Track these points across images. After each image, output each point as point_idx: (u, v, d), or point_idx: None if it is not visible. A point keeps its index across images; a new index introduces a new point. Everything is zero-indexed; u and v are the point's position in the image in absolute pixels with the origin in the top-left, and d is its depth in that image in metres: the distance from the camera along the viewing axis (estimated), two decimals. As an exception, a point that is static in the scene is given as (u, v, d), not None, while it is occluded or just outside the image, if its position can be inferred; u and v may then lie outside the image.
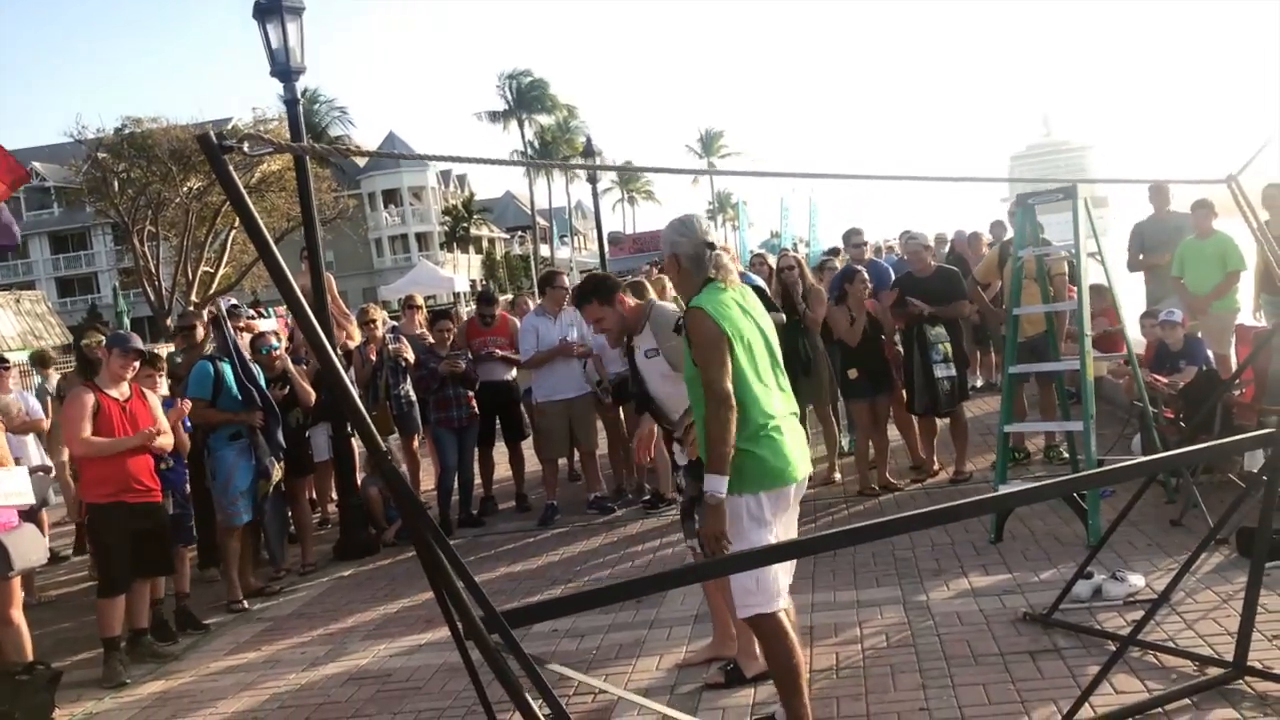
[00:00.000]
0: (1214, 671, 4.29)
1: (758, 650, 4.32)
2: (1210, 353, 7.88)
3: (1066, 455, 7.89)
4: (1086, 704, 3.98)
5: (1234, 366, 8.28)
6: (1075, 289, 7.10)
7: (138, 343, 6.53)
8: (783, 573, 4.12)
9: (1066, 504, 6.52)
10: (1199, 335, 8.08)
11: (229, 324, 7.62)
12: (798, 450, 4.12)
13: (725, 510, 3.90)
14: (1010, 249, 9.21)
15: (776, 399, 4.10)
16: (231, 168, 2.67)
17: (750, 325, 4.10)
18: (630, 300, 5.35)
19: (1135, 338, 7.82)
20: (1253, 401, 6.93)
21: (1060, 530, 6.60)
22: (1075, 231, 6.63)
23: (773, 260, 9.53)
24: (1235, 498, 4.64)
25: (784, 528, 4.18)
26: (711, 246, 4.17)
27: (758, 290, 8.59)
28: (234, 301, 9.75)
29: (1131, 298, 9.97)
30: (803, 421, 4.38)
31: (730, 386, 3.90)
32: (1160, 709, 4.07)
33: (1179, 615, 4.97)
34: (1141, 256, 10.13)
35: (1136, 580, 5.37)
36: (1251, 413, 6.79)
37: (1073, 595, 5.20)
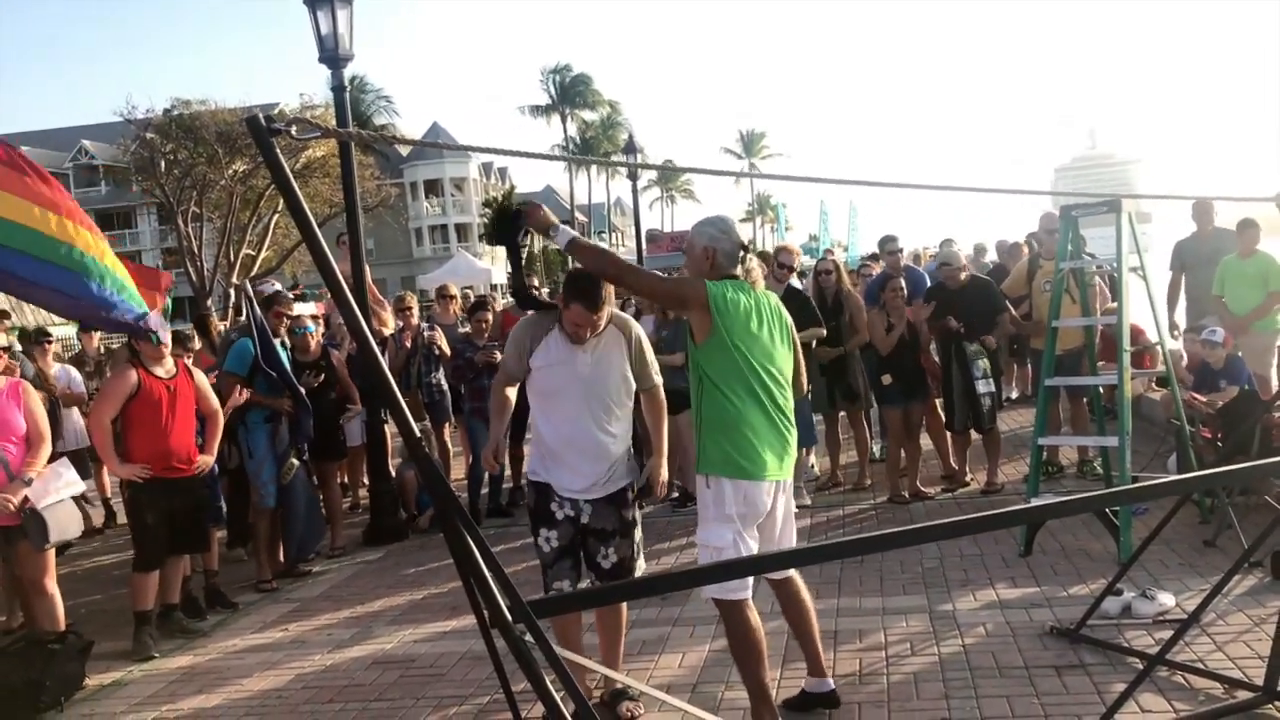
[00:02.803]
0: (1243, 695, 4.25)
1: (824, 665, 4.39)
2: (1251, 372, 7.78)
3: (1100, 471, 7.82)
4: (1111, 721, 3.95)
5: (1274, 387, 8.18)
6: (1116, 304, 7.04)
7: (163, 332, 6.41)
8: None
9: (1098, 519, 6.45)
10: (1239, 355, 7.98)
11: (255, 305, 7.65)
12: (771, 453, 4.18)
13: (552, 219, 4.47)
14: (1039, 262, 9.16)
15: (763, 399, 4.17)
16: (279, 151, 2.70)
17: (754, 326, 4.19)
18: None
19: (1174, 354, 7.74)
20: (1293, 424, 6.83)
21: (1091, 546, 6.55)
22: (1119, 246, 6.57)
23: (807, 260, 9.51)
24: (1271, 520, 4.58)
25: (770, 531, 4.32)
26: (746, 250, 4.36)
27: (798, 297, 8.62)
28: (276, 286, 9.81)
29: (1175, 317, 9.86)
30: (834, 426, 4.45)
31: (659, 286, 4.50)
32: (1186, 730, 4.04)
33: (1209, 637, 4.92)
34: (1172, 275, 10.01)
35: (1167, 599, 5.31)
36: (1291, 435, 6.71)
37: (1101, 611, 5.16)
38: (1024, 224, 10.67)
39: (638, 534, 4.80)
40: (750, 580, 4.29)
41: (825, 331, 8.27)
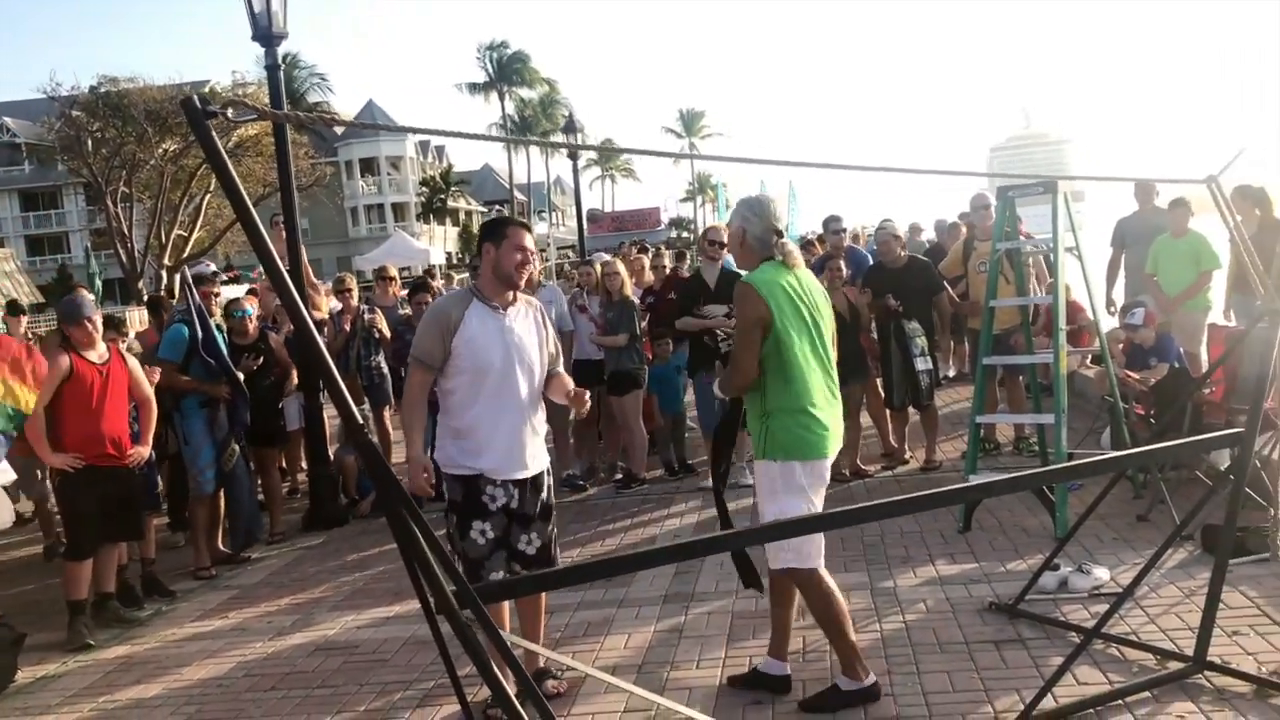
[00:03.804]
0: (1174, 665, 4.35)
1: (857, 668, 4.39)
2: (1182, 350, 7.95)
3: (1037, 448, 7.96)
4: (1049, 694, 4.02)
5: (1205, 365, 8.37)
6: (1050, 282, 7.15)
7: (88, 306, 6.29)
8: (822, 536, 4.41)
9: (1035, 496, 6.57)
10: (1170, 333, 8.15)
11: (195, 292, 7.51)
12: (834, 427, 4.33)
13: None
14: (973, 243, 9.28)
15: (818, 376, 4.30)
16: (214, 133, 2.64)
17: (800, 304, 4.29)
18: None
19: (1108, 331, 7.89)
20: (1222, 401, 7.00)
21: (1028, 522, 6.66)
22: (1054, 226, 6.67)
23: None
24: (1202, 495, 4.68)
25: (820, 499, 4.41)
26: (780, 234, 4.40)
27: (736, 277, 8.66)
28: (211, 267, 9.64)
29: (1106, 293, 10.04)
30: None
31: (753, 371, 4.20)
32: (1121, 701, 4.12)
33: (1142, 609, 5.02)
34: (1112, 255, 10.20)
35: (1102, 573, 5.43)
36: (1220, 411, 6.86)
37: (1039, 586, 5.25)
38: (962, 204, 10.76)
39: (554, 524, 4.77)
40: (823, 548, 4.39)
41: None
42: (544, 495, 4.67)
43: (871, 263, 9.89)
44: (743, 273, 9.62)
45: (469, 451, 4.51)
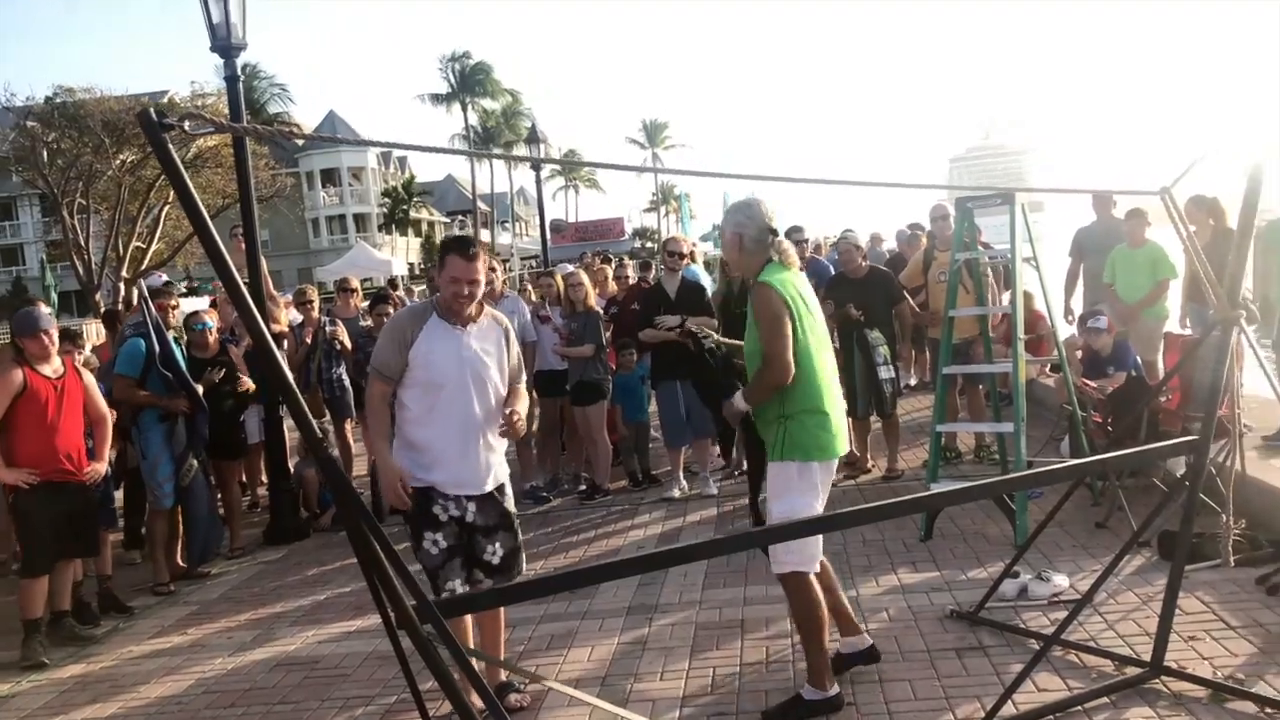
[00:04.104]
0: (1132, 671, 4.40)
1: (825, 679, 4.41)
2: (1139, 359, 8.05)
3: (997, 456, 8.02)
4: (1009, 701, 4.05)
5: (1162, 373, 8.47)
6: (1008, 292, 7.22)
7: (45, 320, 6.20)
8: (821, 539, 4.44)
9: (996, 504, 6.62)
10: (1128, 342, 8.25)
11: (151, 305, 7.43)
12: (844, 427, 4.42)
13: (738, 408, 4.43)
14: (933, 253, 9.37)
15: (829, 376, 4.37)
16: (170, 145, 2.61)
17: (807, 305, 4.34)
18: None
19: (1066, 339, 7.97)
20: (1178, 408, 7.09)
21: (988, 529, 6.71)
22: (1012, 237, 6.74)
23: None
24: (1158, 502, 4.75)
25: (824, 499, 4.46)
26: (775, 233, 4.39)
27: (696, 287, 8.72)
28: (165, 278, 9.54)
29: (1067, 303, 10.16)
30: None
31: (792, 360, 4.18)
32: (1080, 707, 4.16)
33: (1101, 615, 5.08)
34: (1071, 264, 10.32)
35: (1061, 580, 5.48)
36: (1176, 419, 6.96)
37: (999, 594, 5.30)
38: (922, 214, 10.85)
39: (519, 531, 4.75)
40: (820, 550, 4.42)
41: (717, 323, 8.42)
42: (503, 506, 4.64)
43: (833, 273, 9.94)
44: (705, 283, 9.73)
45: (422, 464, 4.49)
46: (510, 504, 4.71)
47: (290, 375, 2.96)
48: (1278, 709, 3.99)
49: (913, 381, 12.57)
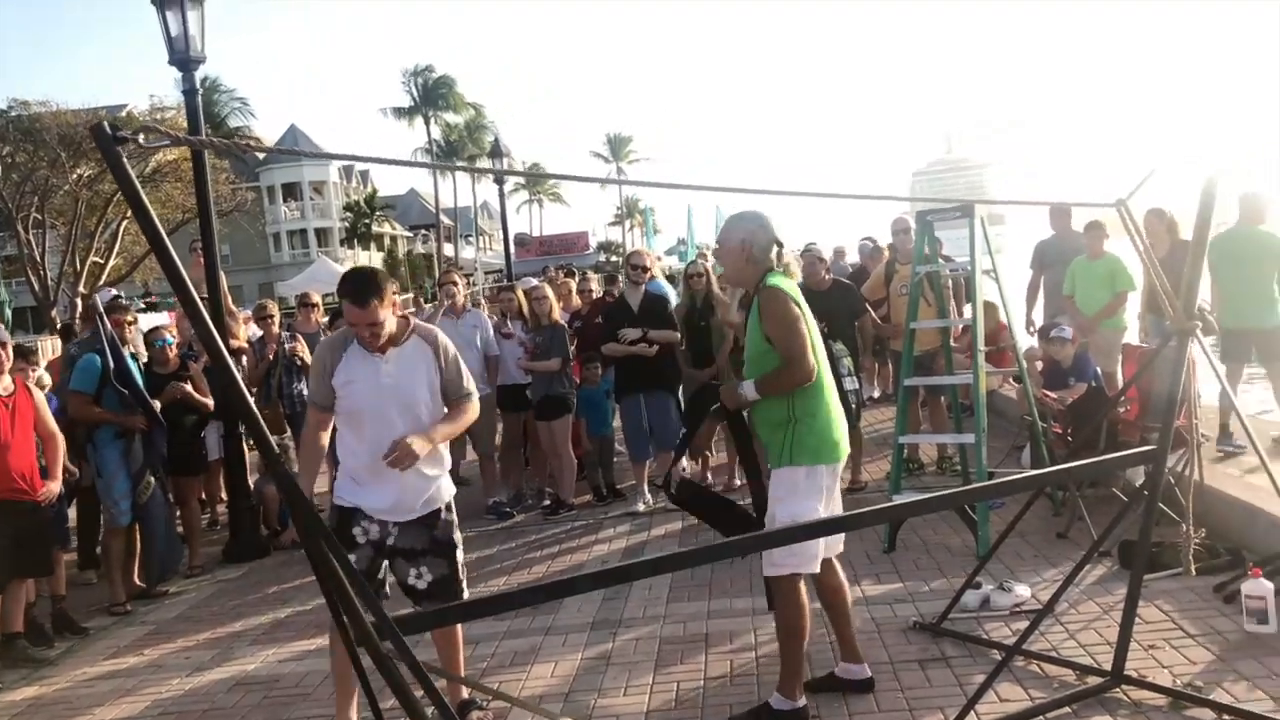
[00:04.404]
0: (1093, 680, 4.42)
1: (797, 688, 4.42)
2: (1099, 370, 8.13)
3: (959, 467, 8.07)
4: (972, 712, 4.07)
5: (1120, 384, 8.56)
6: (969, 304, 7.27)
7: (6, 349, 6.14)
8: (823, 540, 4.41)
9: (958, 515, 6.66)
10: (1088, 353, 8.33)
11: (106, 320, 7.34)
12: (844, 430, 4.49)
13: (740, 393, 4.39)
14: (895, 266, 9.43)
15: (829, 385, 4.43)
16: (126, 158, 2.58)
17: (805, 309, 4.39)
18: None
19: (1025, 351, 8.04)
20: (1136, 419, 7.17)
21: (951, 540, 6.74)
22: (971, 249, 6.79)
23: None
24: (1118, 512, 4.79)
25: (834, 501, 4.50)
26: (780, 245, 4.49)
27: (659, 301, 8.74)
28: (116, 293, 9.43)
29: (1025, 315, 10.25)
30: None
31: (813, 365, 4.26)
32: (1042, 717, 4.18)
33: (1062, 625, 5.11)
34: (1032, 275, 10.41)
35: (1022, 591, 5.51)
36: (1135, 429, 7.03)
37: (961, 605, 5.31)
38: (886, 228, 10.89)
39: (459, 555, 4.62)
40: (821, 552, 4.43)
41: (679, 336, 8.45)
42: (436, 532, 4.52)
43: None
44: (669, 295, 9.73)
45: (351, 488, 4.47)
46: (448, 531, 4.57)
47: (248, 391, 2.93)
48: (1235, 715, 4.03)
49: (875, 394, 12.63)
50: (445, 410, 4.52)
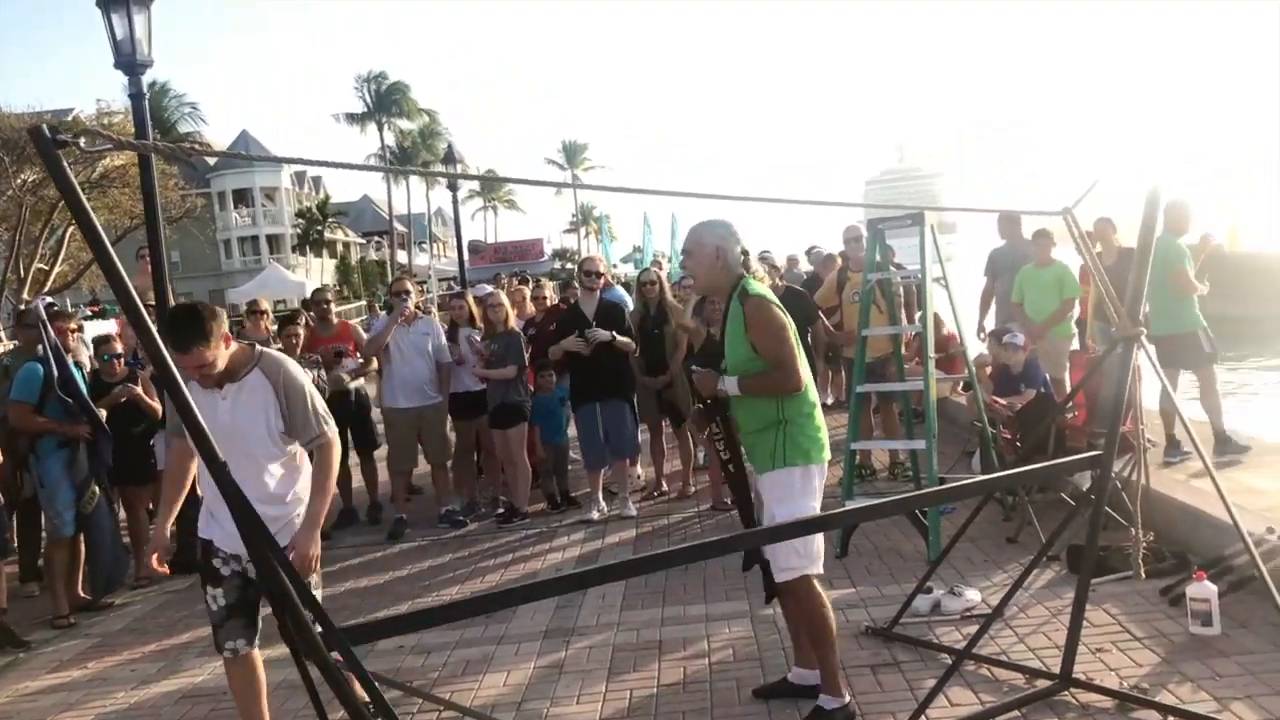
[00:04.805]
0: (1042, 684, 4.47)
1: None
2: (1048, 376, 8.23)
3: (910, 472, 8.13)
4: (923, 716, 4.09)
5: (1068, 390, 8.67)
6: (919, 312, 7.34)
7: None
8: (822, 538, 4.51)
9: (909, 520, 6.71)
10: (1037, 360, 8.43)
11: (49, 328, 7.21)
12: (827, 433, 4.52)
13: (720, 388, 4.43)
14: (847, 274, 9.50)
15: (812, 389, 4.46)
16: (69, 163, 2.54)
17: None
18: None
19: (976, 358, 8.12)
20: (1084, 424, 7.26)
21: (902, 545, 6.79)
22: (922, 257, 6.85)
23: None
24: (1065, 516, 4.84)
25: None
26: (746, 253, 4.59)
27: (615, 308, 8.73)
28: (50, 300, 9.28)
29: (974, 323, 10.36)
30: (659, 435, 4.56)
31: (804, 373, 4.32)
32: (992, 720, 4.22)
33: (1011, 629, 5.16)
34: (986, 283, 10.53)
35: (973, 595, 5.56)
36: (1082, 435, 7.12)
37: (913, 609, 5.35)
38: (839, 236, 10.96)
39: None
40: (822, 549, 4.47)
41: (634, 345, 8.44)
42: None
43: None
44: (625, 302, 9.71)
45: (207, 520, 4.37)
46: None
47: (191, 401, 2.89)
48: (1180, 717, 4.09)
49: (829, 400, 12.69)
50: (294, 451, 4.28)
